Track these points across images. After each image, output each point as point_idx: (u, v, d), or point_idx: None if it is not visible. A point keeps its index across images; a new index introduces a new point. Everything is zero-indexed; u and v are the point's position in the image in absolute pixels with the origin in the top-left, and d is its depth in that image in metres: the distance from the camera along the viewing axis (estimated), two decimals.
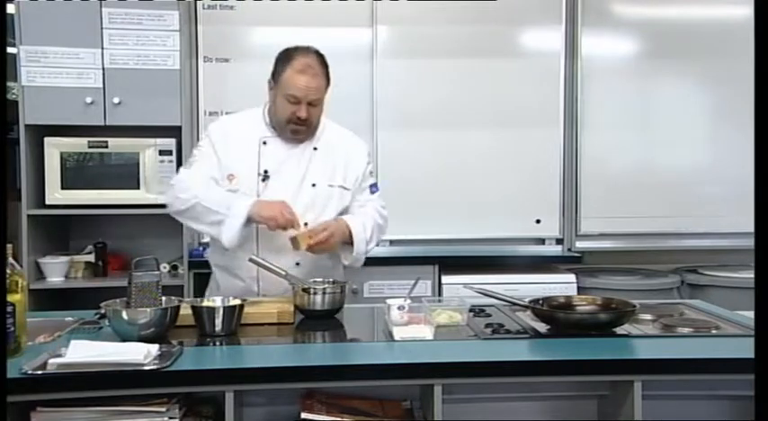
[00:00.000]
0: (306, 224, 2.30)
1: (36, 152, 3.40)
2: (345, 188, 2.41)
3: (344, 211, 2.41)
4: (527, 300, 2.11)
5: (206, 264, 3.44)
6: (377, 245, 2.44)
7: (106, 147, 3.44)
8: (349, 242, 2.32)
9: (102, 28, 3.36)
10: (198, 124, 3.64)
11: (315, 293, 2.17)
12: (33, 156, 3.40)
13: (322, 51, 2.35)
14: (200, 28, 3.64)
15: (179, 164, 3.45)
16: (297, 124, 2.29)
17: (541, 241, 3.85)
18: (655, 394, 1.77)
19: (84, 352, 1.67)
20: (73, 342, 1.72)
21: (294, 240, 2.23)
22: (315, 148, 2.38)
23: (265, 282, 2.34)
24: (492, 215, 3.77)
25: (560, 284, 3.47)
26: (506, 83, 3.77)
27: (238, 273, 2.38)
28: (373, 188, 2.49)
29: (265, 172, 2.32)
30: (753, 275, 1.35)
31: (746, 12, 3.62)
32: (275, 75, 2.31)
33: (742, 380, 1.65)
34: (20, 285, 1.73)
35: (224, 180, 2.32)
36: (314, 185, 2.35)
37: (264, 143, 2.35)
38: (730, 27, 3.79)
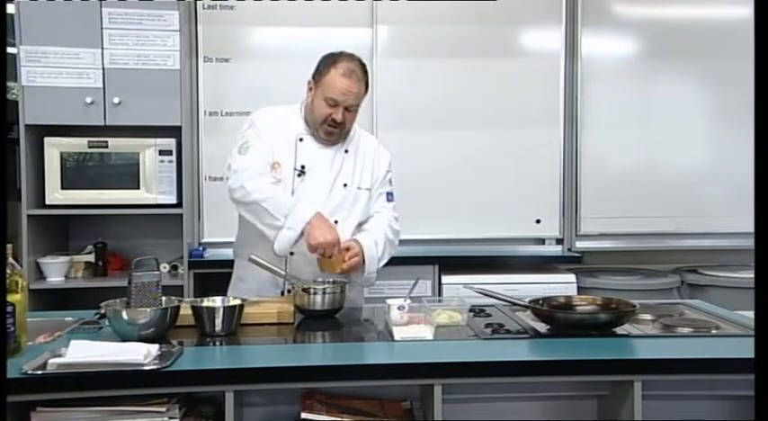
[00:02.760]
0: (336, 222, 2.31)
1: (36, 152, 3.40)
2: (371, 191, 2.46)
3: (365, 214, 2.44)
4: (527, 300, 2.11)
5: (206, 264, 3.49)
6: (387, 261, 2.45)
7: (106, 147, 3.44)
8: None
9: (102, 28, 3.35)
10: (198, 124, 3.64)
11: (315, 293, 2.17)
12: (33, 156, 3.39)
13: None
14: (200, 28, 3.64)
15: (179, 164, 3.45)
16: (331, 126, 2.33)
17: (541, 241, 3.85)
18: (655, 394, 1.77)
19: (84, 352, 1.68)
20: (73, 342, 1.72)
21: (327, 264, 2.23)
22: (346, 151, 2.43)
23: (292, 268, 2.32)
24: (492, 215, 3.77)
25: (560, 284, 3.47)
26: (506, 83, 3.77)
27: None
28: (390, 196, 2.53)
29: (302, 167, 2.35)
30: (753, 275, 1.35)
31: (746, 12, 3.62)
32: (317, 74, 2.35)
33: (742, 380, 1.65)
34: (20, 285, 1.74)
35: (271, 168, 2.35)
36: (345, 186, 2.40)
37: (301, 140, 2.38)
38: (730, 27, 3.79)
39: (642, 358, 1.80)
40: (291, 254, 2.32)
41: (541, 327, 2.01)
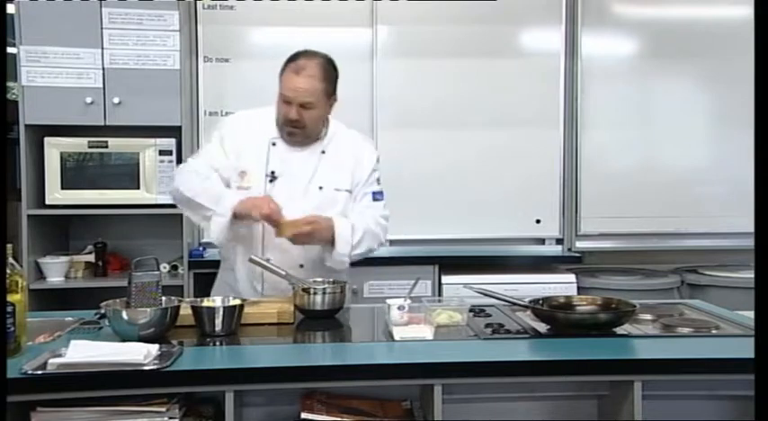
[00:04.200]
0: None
1: (36, 152, 3.40)
2: (350, 192, 2.40)
3: (346, 213, 2.39)
4: (527, 300, 2.11)
5: (206, 264, 3.48)
6: (369, 252, 2.40)
7: (106, 147, 3.44)
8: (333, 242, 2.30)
9: (102, 28, 3.35)
10: (198, 124, 3.64)
11: (315, 293, 2.17)
12: (33, 156, 3.40)
13: (321, 51, 2.34)
14: (200, 28, 3.64)
15: (179, 164, 3.44)
16: (289, 126, 2.29)
17: (541, 241, 3.85)
18: (655, 394, 1.77)
19: (84, 352, 1.67)
20: (73, 342, 1.72)
21: (279, 226, 2.20)
22: (323, 152, 2.37)
23: (268, 284, 2.33)
24: (492, 215, 3.77)
25: (560, 284, 3.47)
26: (506, 83, 3.77)
27: (238, 271, 2.39)
28: (377, 195, 2.45)
29: (272, 173, 2.32)
30: (753, 275, 1.35)
31: (746, 12, 3.61)
32: (279, 75, 2.32)
33: (742, 380, 1.65)
34: (20, 285, 1.73)
35: (236, 177, 2.33)
36: (321, 188, 2.35)
37: (274, 144, 2.35)
38: (730, 27, 3.78)
39: (642, 358, 1.80)
40: (301, 266, 2.32)
41: (541, 327, 2.01)
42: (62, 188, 3.41)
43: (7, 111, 1.96)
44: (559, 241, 3.85)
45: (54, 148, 3.40)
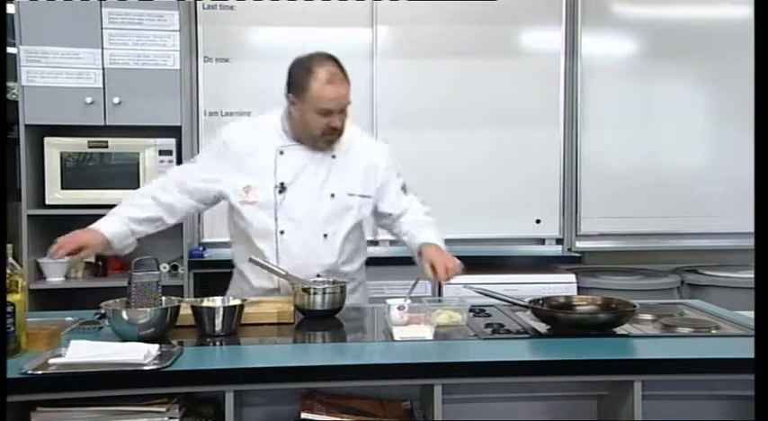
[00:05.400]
0: (326, 235, 2.29)
1: (36, 152, 3.40)
2: (365, 196, 2.36)
3: (363, 220, 2.40)
4: (527, 300, 2.11)
5: (206, 264, 3.49)
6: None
7: (106, 147, 3.44)
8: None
9: (102, 28, 3.35)
10: (198, 124, 3.64)
11: (315, 293, 2.16)
12: (33, 156, 3.39)
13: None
14: (200, 28, 3.64)
15: (179, 164, 3.44)
16: (330, 134, 2.24)
17: (541, 241, 3.85)
18: (655, 394, 1.77)
19: (84, 352, 1.67)
20: (73, 342, 1.72)
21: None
22: (333, 156, 2.31)
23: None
24: (492, 215, 3.77)
25: (560, 284, 3.47)
26: (506, 83, 3.77)
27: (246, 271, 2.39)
28: (404, 189, 2.45)
29: (281, 184, 2.27)
30: (753, 275, 1.35)
31: (746, 12, 3.61)
32: (296, 88, 2.22)
33: (742, 380, 1.65)
34: (20, 285, 1.74)
35: (240, 192, 2.28)
36: (333, 196, 2.30)
37: (281, 153, 2.28)
38: (730, 27, 3.78)
39: (642, 358, 1.80)
40: (318, 276, 2.29)
41: (541, 327, 2.01)
42: (62, 188, 3.41)
43: (7, 111, 1.96)
44: (559, 241, 3.85)
45: (54, 148, 3.40)
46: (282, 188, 2.27)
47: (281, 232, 2.28)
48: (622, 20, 3.85)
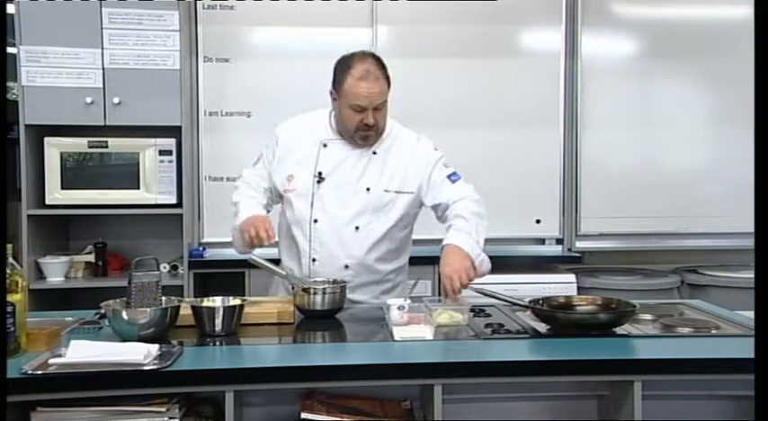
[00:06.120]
0: (357, 227, 2.32)
1: (36, 152, 3.40)
2: (401, 192, 2.37)
3: (405, 217, 2.40)
4: (527, 300, 2.11)
5: (206, 264, 3.49)
6: (486, 230, 2.40)
7: (106, 147, 3.44)
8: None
9: (102, 28, 3.35)
10: (198, 124, 3.64)
11: (315, 293, 2.17)
12: (33, 156, 3.40)
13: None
14: (200, 28, 3.64)
15: (179, 164, 3.45)
16: (365, 131, 2.29)
17: (541, 241, 3.85)
18: (655, 394, 1.77)
19: (84, 352, 1.68)
20: (73, 342, 1.72)
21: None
22: (374, 152, 2.36)
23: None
24: (492, 215, 3.72)
25: (560, 284, 3.47)
26: (506, 83, 3.77)
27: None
28: (452, 177, 2.42)
29: (320, 174, 2.33)
30: (753, 275, 1.35)
31: (746, 12, 3.61)
32: (336, 84, 2.30)
33: (742, 380, 1.65)
34: (20, 285, 1.74)
35: (284, 181, 2.38)
36: (368, 190, 2.34)
37: (325, 146, 2.36)
38: (730, 27, 3.79)
39: (642, 358, 1.80)
40: (346, 267, 2.34)
41: (541, 327, 2.01)
42: (62, 188, 3.41)
43: (7, 111, 1.96)
44: (559, 241, 3.85)
45: (54, 148, 3.40)
46: (321, 178, 2.34)
47: (315, 221, 2.34)
48: (622, 20, 3.85)
